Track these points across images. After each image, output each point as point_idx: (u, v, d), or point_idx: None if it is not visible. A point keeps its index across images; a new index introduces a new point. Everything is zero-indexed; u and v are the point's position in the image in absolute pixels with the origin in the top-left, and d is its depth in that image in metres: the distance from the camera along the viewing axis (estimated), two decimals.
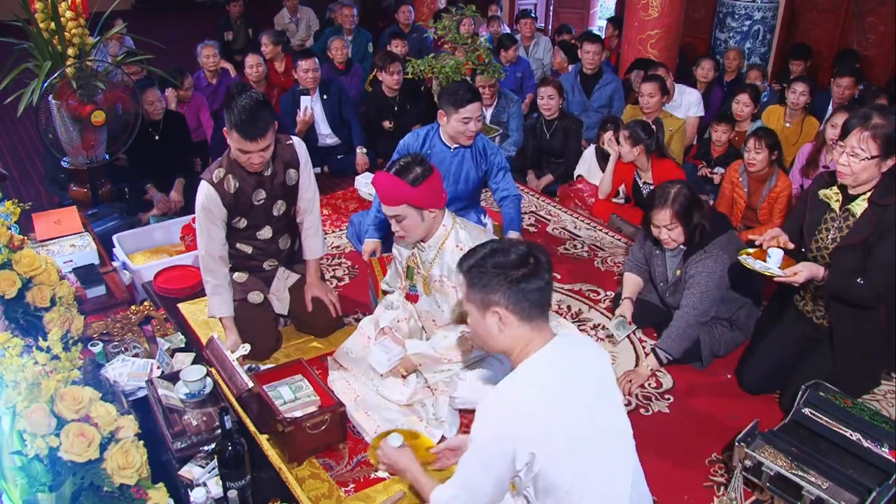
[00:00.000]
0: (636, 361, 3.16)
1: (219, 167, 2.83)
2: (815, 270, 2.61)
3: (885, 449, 2.29)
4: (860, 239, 2.60)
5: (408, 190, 2.49)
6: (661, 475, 2.51)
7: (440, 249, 2.64)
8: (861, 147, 2.51)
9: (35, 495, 1.46)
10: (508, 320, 1.73)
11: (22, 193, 4.90)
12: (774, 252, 2.67)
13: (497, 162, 3.48)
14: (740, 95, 4.82)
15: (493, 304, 1.73)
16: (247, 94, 2.63)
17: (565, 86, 5.20)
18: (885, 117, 2.50)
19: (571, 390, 1.72)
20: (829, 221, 2.74)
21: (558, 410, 1.67)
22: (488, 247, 1.80)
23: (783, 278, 2.64)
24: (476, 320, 1.80)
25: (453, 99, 3.27)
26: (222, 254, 2.91)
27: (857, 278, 2.59)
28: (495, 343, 1.79)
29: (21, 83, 3.67)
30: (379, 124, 5.47)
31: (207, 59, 5.67)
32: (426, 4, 8.44)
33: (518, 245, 1.79)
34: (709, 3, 7.18)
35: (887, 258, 2.57)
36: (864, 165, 2.52)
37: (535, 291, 1.72)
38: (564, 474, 1.66)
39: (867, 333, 2.74)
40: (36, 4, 3.53)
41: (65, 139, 3.80)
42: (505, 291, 1.71)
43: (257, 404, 2.47)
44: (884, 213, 2.57)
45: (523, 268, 1.72)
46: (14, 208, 2.61)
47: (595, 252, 4.14)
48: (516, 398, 1.69)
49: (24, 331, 2.04)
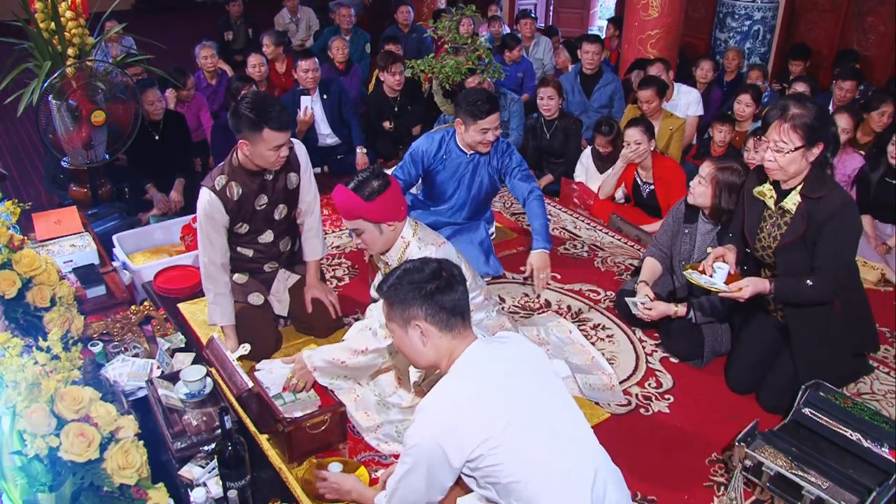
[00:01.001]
0: (636, 362, 3.16)
1: (220, 174, 2.82)
2: (760, 286, 2.61)
3: (885, 449, 2.29)
4: (798, 235, 2.58)
5: (362, 204, 2.48)
6: (661, 475, 2.51)
7: (399, 260, 2.63)
8: (784, 140, 2.47)
9: (35, 495, 1.46)
10: (429, 332, 1.82)
11: (22, 193, 4.90)
12: (720, 267, 2.69)
13: (511, 160, 3.46)
14: (742, 96, 4.82)
15: (412, 318, 1.83)
16: (251, 95, 2.71)
17: (565, 86, 5.20)
18: (804, 106, 2.46)
19: (502, 387, 1.77)
20: (768, 219, 2.71)
21: (490, 407, 1.73)
22: (402, 268, 1.92)
23: (728, 294, 2.65)
24: (401, 338, 1.89)
25: (472, 110, 3.25)
26: (224, 261, 2.90)
27: (807, 280, 2.57)
28: (422, 358, 1.88)
29: (21, 83, 3.66)
30: (379, 124, 5.47)
31: (206, 60, 5.67)
32: (426, 4, 8.45)
33: (429, 262, 1.90)
34: (709, 3, 7.18)
35: (832, 252, 2.53)
36: (791, 158, 2.48)
37: (451, 302, 1.82)
38: (513, 470, 1.70)
39: (822, 322, 2.70)
40: (36, 4, 3.53)
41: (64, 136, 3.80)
42: (421, 304, 1.81)
43: (257, 404, 2.47)
44: (816, 207, 2.54)
45: (437, 281, 1.83)
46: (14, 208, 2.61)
47: (595, 252, 4.14)
48: (443, 401, 1.76)
49: (24, 331, 2.04)
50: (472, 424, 1.70)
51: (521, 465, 1.70)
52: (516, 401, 1.76)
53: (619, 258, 4.05)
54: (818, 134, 2.47)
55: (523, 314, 3.49)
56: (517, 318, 3.33)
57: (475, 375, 1.78)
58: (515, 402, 1.76)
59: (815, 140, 2.47)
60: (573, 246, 4.22)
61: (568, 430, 1.81)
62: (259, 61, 5.45)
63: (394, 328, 1.90)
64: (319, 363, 2.56)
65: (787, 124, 2.46)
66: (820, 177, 2.56)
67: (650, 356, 3.20)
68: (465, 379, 1.78)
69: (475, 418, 1.71)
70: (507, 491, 1.73)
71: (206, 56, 5.66)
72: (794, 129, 2.46)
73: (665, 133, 4.74)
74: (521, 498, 1.71)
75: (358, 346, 2.54)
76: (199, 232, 2.85)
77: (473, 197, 3.45)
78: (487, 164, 3.45)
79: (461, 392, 1.76)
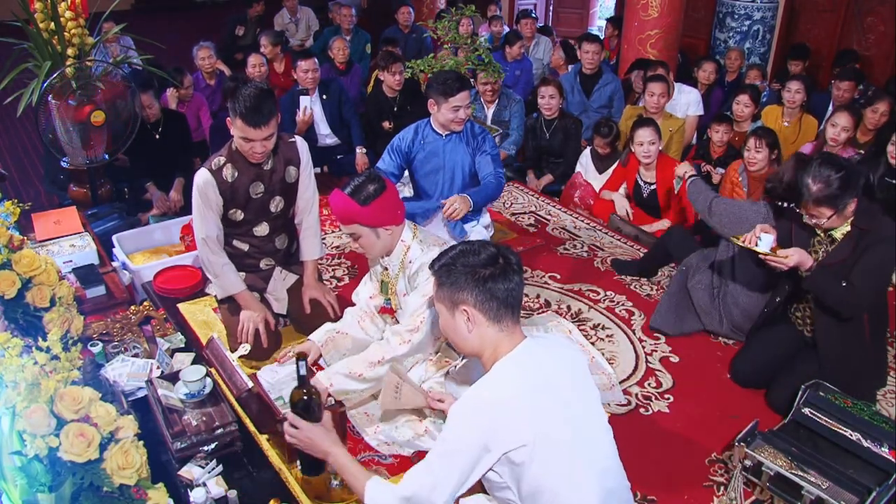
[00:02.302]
0: (636, 362, 3.16)
1: (219, 156, 2.87)
2: (804, 257, 2.65)
3: (885, 449, 2.29)
4: (839, 260, 2.65)
5: (357, 209, 2.47)
6: (661, 475, 2.51)
7: (402, 264, 2.63)
8: (816, 215, 2.61)
9: (35, 495, 1.46)
10: (477, 319, 1.75)
11: (22, 193, 4.90)
12: (765, 236, 2.71)
13: (485, 141, 3.50)
14: (740, 96, 4.82)
15: (461, 302, 1.76)
16: (252, 84, 2.71)
17: (564, 86, 5.20)
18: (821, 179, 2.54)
19: (545, 391, 1.72)
20: (817, 244, 2.79)
21: (532, 411, 1.68)
22: (459, 248, 1.83)
23: (774, 259, 2.67)
24: (446, 320, 1.82)
25: (443, 88, 3.34)
26: (220, 234, 2.94)
27: (842, 281, 2.63)
28: (466, 344, 1.81)
29: (21, 83, 3.66)
30: (379, 125, 5.47)
31: (203, 61, 5.68)
32: (426, 5, 8.45)
33: (488, 246, 1.81)
34: (709, 3, 7.18)
35: (867, 271, 2.61)
36: (830, 223, 2.64)
37: (504, 291, 1.74)
38: (545, 476, 1.66)
39: (851, 347, 2.76)
40: (36, 4, 3.53)
41: (65, 140, 3.81)
42: (472, 290, 1.74)
43: (257, 404, 2.47)
44: (862, 237, 2.62)
45: (492, 267, 1.75)
46: (14, 208, 2.61)
47: (595, 252, 4.14)
48: (489, 397, 1.70)
49: (23, 331, 2.04)
50: (515, 425, 1.65)
51: (549, 474, 1.67)
52: (557, 408, 1.71)
53: (619, 258, 4.05)
54: (847, 196, 2.55)
55: (523, 314, 3.48)
56: None
57: (522, 377, 1.72)
58: (555, 413, 1.71)
59: (845, 203, 2.56)
60: (573, 246, 4.22)
61: (595, 443, 1.78)
62: (259, 61, 5.47)
63: (441, 309, 1.83)
64: (336, 379, 2.51)
65: (812, 204, 2.57)
66: (868, 208, 2.64)
67: (650, 356, 3.20)
68: (512, 379, 1.72)
69: (518, 420, 1.66)
70: (532, 497, 1.69)
71: (203, 57, 5.67)
72: (818, 204, 2.56)
73: (665, 134, 4.73)
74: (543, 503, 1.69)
75: (374, 358, 2.52)
76: (194, 210, 2.88)
77: (456, 179, 3.49)
78: (465, 144, 3.50)
79: (509, 390, 1.70)
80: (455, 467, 1.69)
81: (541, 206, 4.75)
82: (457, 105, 3.35)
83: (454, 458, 1.69)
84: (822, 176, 2.54)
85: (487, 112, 5.19)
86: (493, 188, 3.42)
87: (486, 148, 3.51)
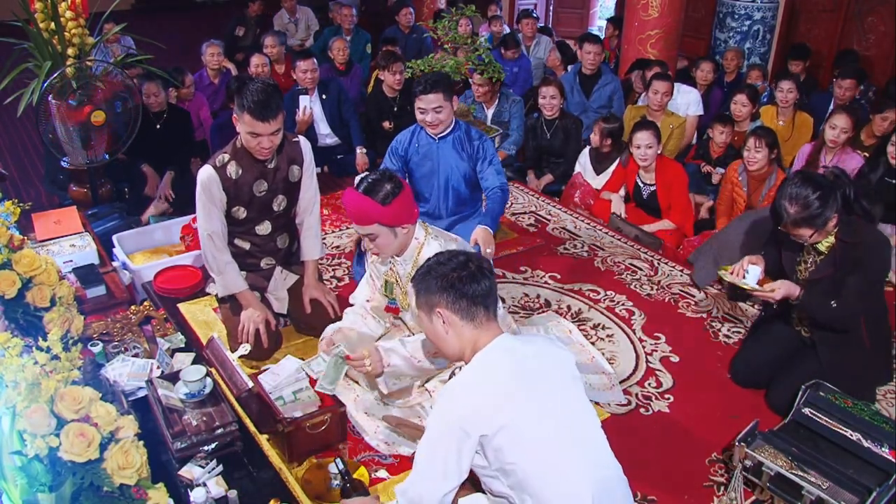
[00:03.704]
0: (636, 362, 3.16)
1: (223, 153, 2.88)
2: (791, 289, 2.67)
3: (885, 449, 2.29)
4: (827, 274, 2.67)
5: (378, 209, 2.44)
6: (661, 475, 2.51)
7: (415, 263, 2.62)
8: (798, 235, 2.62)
9: (35, 495, 1.46)
10: (451, 319, 1.86)
11: (22, 193, 4.89)
12: (753, 268, 2.75)
13: (484, 149, 3.47)
14: (738, 96, 4.83)
15: (435, 305, 1.88)
16: (259, 80, 2.74)
17: (564, 86, 5.20)
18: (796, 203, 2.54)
19: (521, 377, 1.79)
20: (805, 255, 2.80)
21: (506, 395, 1.75)
22: (433, 259, 1.97)
23: (761, 293, 2.72)
24: (427, 326, 1.94)
25: (415, 90, 3.34)
26: (224, 230, 2.94)
27: (832, 301, 2.64)
28: (447, 346, 1.91)
29: (21, 83, 3.67)
30: (379, 124, 5.47)
31: (211, 58, 5.73)
32: (426, 5, 8.45)
33: (460, 255, 1.94)
34: (709, 3, 7.18)
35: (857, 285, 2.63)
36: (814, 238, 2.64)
37: (472, 291, 1.86)
38: (527, 462, 1.71)
39: (850, 350, 2.77)
40: (36, 4, 3.53)
41: (65, 140, 3.81)
42: (443, 292, 1.86)
43: (257, 404, 2.47)
44: (847, 249, 2.63)
45: (461, 271, 1.88)
46: (14, 208, 2.61)
47: (595, 252, 4.14)
48: (466, 386, 1.81)
49: (24, 331, 2.04)
50: (490, 408, 1.73)
51: (532, 461, 1.72)
52: (534, 397, 1.77)
53: (619, 258, 4.05)
54: (824, 215, 2.55)
55: (523, 314, 3.49)
56: (517, 318, 3.33)
57: (497, 365, 1.81)
58: (533, 398, 1.77)
59: (824, 221, 2.56)
60: (573, 246, 4.22)
61: (582, 434, 1.82)
62: (262, 61, 5.49)
63: (422, 317, 1.95)
64: (395, 360, 2.49)
65: (791, 225, 2.58)
66: (849, 221, 2.63)
67: (650, 356, 3.20)
68: (488, 367, 1.81)
69: (493, 403, 1.73)
70: (520, 486, 1.74)
71: (212, 54, 5.73)
72: (798, 226, 2.57)
73: (666, 130, 4.74)
74: (533, 494, 1.72)
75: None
76: (198, 206, 2.88)
77: (449, 183, 3.48)
78: (459, 148, 3.46)
79: (484, 377, 1.80)
80: (438, 456, 1.77)
81: (541, 206, 4.75)
82: (421, 107, 3.32)
83: (437, 446, 1.78)
84: (800, 197, 2.54)
85: (487, 112, 5.19)
86: (500, 202, 3.40)
87: (487, 155, 3.47)
